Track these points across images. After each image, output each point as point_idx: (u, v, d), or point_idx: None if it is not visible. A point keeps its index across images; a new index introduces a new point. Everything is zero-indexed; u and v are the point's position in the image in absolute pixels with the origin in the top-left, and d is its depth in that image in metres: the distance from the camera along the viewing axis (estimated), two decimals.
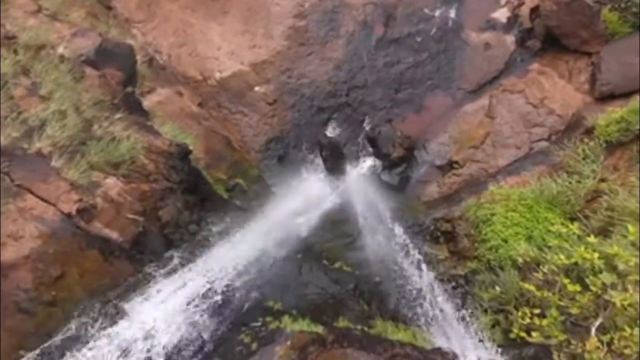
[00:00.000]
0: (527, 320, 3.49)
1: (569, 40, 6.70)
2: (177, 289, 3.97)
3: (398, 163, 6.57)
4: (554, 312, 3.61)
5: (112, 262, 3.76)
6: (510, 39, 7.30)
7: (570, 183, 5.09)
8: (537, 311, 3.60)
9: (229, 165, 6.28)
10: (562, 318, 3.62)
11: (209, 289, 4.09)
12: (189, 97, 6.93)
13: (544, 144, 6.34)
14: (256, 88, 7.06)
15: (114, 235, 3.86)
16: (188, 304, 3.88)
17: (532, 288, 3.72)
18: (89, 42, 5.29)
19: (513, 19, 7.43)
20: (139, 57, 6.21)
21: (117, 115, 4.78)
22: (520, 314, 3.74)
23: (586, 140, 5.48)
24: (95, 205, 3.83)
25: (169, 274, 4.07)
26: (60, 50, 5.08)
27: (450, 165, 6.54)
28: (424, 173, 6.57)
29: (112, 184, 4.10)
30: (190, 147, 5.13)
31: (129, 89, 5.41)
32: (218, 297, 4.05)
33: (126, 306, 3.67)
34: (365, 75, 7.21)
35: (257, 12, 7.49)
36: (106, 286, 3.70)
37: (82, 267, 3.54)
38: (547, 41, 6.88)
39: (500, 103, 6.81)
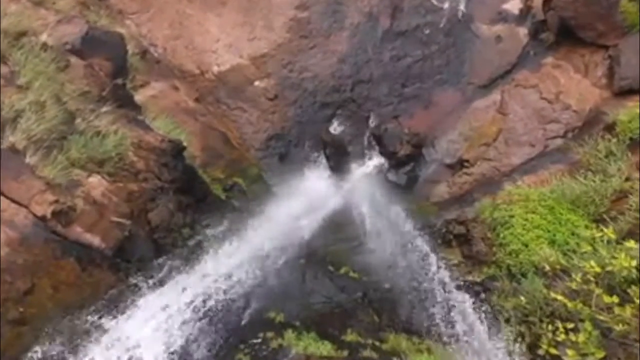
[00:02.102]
0: (562, 336, 3.13)
1: (584, 32, 6.42)
2: (166, 301, 3.59)
3: (405, 161, 6.34)
4: (587, 325, 3.26)
5: (91, 272, 3.38)
6: (522, 31, 7.09)
7: (593, 182, 4.76)
8: (570, 325, 3.24)
9: (227, 163, 6.05)
10: (597, 332, 3.26)
11: (203, 300, 3.72)
12: (185, 91, 6.65)
13: (559, 141, 6.06)
14: (256, 83, 6.82)
15: (95, 240, 3.49)
16: (179, 318, 3.49)
17: (563, 299, 3.36)
18: (75, 29, 4.95)
19: (525, 11, 7.21)
20: (130, 48, 5.90)
21: (104, 109, 4.45)
22: (550, 327, 3.39)
23: (608, 136, 5.17)
24: (74, 207, 3.47)
25: (158, 284, 3.70)
26: (44, 37, 4.75)
27: (461, 163, 6.32)
28: (433, 172, 6.38)
29: (96, 183, 3.74)
30: (184, 144, 4.84)
31: (119, 81, 5.05)
32: (213, 309, 3.69)
33: (107, 323, 3.27)
34: (371, 69, 7.00)
35: (257, 2, 7.27)
36: (84, 300, 3.33)
37: (55, 278, 3.18)
38: (562, 34, 6.62)
39: (512, 98, 6.54)
